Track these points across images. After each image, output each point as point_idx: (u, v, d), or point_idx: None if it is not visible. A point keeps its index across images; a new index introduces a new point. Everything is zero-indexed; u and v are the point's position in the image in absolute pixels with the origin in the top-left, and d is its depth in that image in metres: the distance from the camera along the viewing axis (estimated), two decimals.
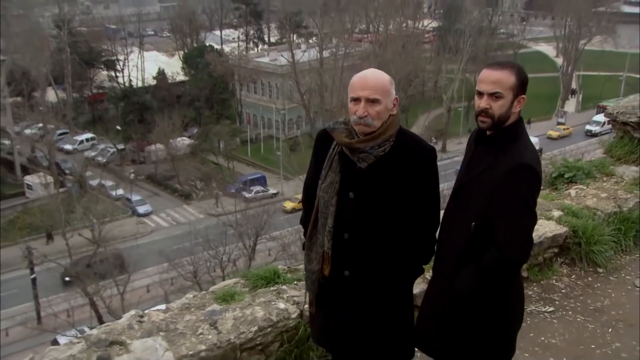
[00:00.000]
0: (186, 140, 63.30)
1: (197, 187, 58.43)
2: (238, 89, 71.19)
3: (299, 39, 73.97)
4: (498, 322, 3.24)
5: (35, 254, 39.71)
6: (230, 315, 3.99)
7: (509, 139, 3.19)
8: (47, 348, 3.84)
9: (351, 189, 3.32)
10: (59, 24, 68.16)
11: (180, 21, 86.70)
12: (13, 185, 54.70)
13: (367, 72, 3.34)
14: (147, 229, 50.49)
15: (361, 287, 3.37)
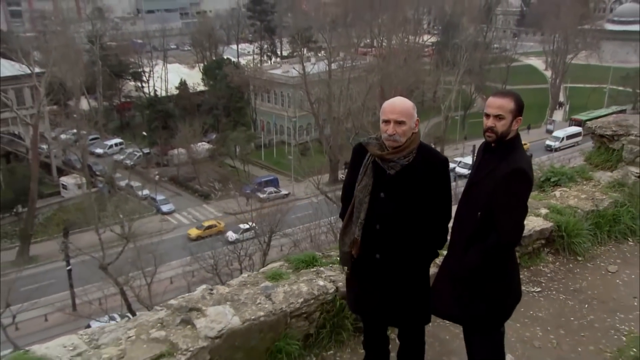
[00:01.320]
0: (205, 145, 63.20)
1: (215, 188, 58.35)
2: (253, 98, 71.06)
3: (309, 53, 73.53)
4: (497, 289, 3.74)
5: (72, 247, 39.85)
6: (280, 289, 4.54)
7: (508, 150, 3.70)
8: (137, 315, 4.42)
9: (382, 190, 3.83)
10: (91, 39, 68.10)
11: (200, 36, 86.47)
12: (50, 186, 54.56)
13: (396, 100, 3.83)
14: (170, 226, 50.47)
15: (389, 267, 3.88)
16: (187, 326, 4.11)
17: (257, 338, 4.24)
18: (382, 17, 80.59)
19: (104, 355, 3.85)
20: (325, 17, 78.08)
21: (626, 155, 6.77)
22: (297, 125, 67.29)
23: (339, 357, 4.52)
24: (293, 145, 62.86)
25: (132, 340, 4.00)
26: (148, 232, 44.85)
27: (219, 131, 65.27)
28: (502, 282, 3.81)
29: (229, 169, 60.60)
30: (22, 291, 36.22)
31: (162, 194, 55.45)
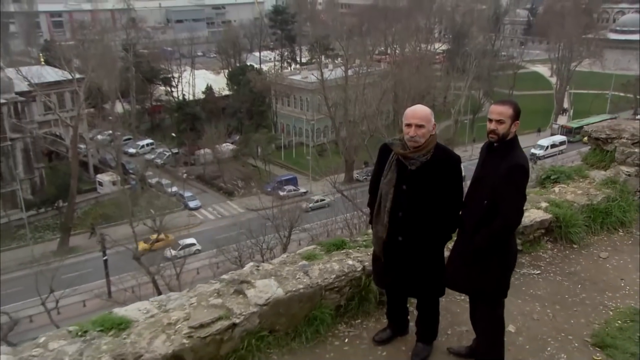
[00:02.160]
0: (230, 145, 63.44)
1: (238, 185, 58.43)
2: (274, 102, 71.10)
3: (327, 60, 73.31)
4: (500, 264, 4.16)
5: (108, 239, 40.43)
6: (316, 267, 5.00)
7: (508, 149, 4.11)
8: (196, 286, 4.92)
9: (404, 183, 4.26)
10: (126, 47, 68.73)
11: (225, 44, 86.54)
12: (87, 182, 55.12)
13: (417, 107, 4.27)
14: (196, 221, 50.84)
15: (410, 247, 4.31)
16: (239, 295, 4.60)
17: (297, 307, 4.71)
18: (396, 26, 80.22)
19: (173, 317, 4.37)
20: (343, 27, 77.94)
21: (618, 156, 7.07)
22: (315, 127, 67.35)
23: (365, 325, 4.94)
24: (311, 146, 63.11)
25: (194, 306, 4.51)
26: (177, 226, 45.23)
27: (242, 133, 65.55)
28: (505, 260, 4.22)
29: (251, 168, 60.80)
30: (63, 279, 36.80)
31: (190, 191, 55.96)
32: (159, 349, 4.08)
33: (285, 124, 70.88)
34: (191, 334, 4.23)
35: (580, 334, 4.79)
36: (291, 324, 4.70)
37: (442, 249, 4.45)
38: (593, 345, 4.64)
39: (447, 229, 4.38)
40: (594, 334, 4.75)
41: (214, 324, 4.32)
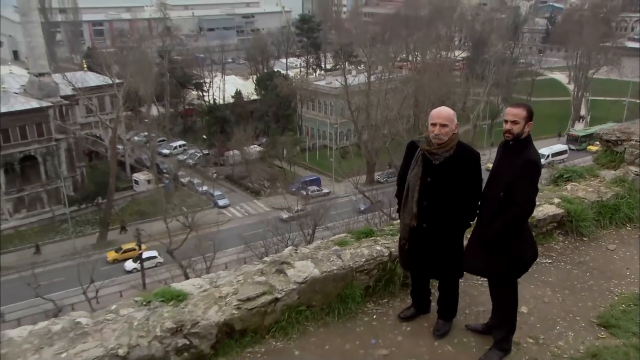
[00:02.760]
0: (257, 147, 63.94)
1: (265, 185, 58.92)
2: (299, 107, 71.51)
3: (350, 66, 73.42)
4: (514, 251, 4.41)
5: (144, 234, 41.20)
6: (347, 252, 5.35)
7: (522, 147, 4.37)
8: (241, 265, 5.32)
9: (429, 176, 4.56)
10: (161, 54, 69.85)
11: (254, 51, 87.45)
12: (124, 181, 55.98)
13: (441, 108, 4.58)
14: (225, 218, 51.32)
15: (433, 233, 4.61)
16: (280, 274, 4.99)
17: (330, 285, 5.07)
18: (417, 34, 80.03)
19: (223, 291, 4.78)
20: (366, 35, 77.90)
21: (627, 157, 7.26)
22: (338, 131, 67.50)
23: (391, 304, 5.28)
24: (334, 148, 63.14)
25: (241, 282, 4.92)
26: (207, 222, 45.90)
27: (269, 135, 65.94)
28: (518, 246, 4.47)
29: (277, 169, 61.17)
30: (102, 270, 37.96)
31: (219, 190, 56.47)
32: (213, 318, 4.51)
33: (309, 127, 71.32)
34: (239, 306, 4.64)
35: (587, 315, 5.06)
36: (325, 300, 5.07)
37: (461, 236, 4.74)
38: (598, 326, 4.90)
39: (467, 218, 4.66)
40: (600, 315, 5.01)
41: (258, 298, 4.73)
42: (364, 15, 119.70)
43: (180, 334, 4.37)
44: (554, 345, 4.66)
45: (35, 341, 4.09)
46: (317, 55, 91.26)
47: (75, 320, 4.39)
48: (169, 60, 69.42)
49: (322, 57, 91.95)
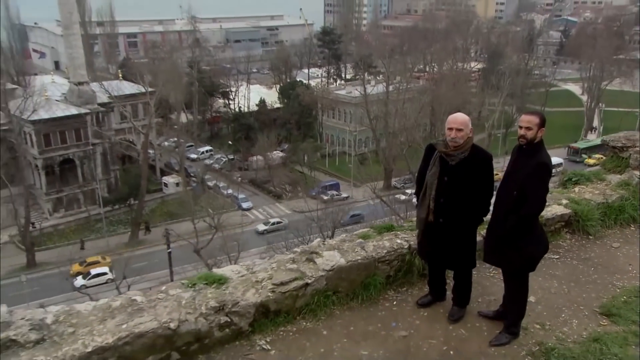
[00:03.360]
0: (279, 153, 64.23)
1: (286, 189, 59.21)
2: (320, 115, 71.78)
3: (370, 76, 73.58)
4: (526, 245, 4.64)
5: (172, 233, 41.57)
6: (370, 244, 5.64)
7: (535, 150, 4.58)
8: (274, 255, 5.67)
9: (445, 175, 4.81)
10: (191, 65, 70.51)
11: (277, 62, 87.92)
12: (155, 184, 56.66)
13: (457, 114, 4.83)
14: (249, 220, 51.79)
15: (449, 228, 4.87)
16: (310, 263, 5.32)
17: (355, 273, 5.38)
18: (435, 46, 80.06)
19: (259, 277, 5.12)
20: (385, 46, 78.02)
21: (632, 162, 7.42)
22: (357, 138, 67.59)
23: (410, 292, 5.55)
24: (353, 155, 63.33)
25: (275, 269, 5.26)
26: (231, 224, 46.14)
27: (291, 142, 66.30)
28: (530, 242, 4.70)
29: (298, 174, 61.42)
30: (133, 267, 38.39)
31: (243, 193, 56.88)
32: (251, 299, 4.85)
33: (329, 135, 71.56)
34: (274, 289, 4.98)
35: (590, 305, 5.28)
36: (350, 287, 5.37)
37: (475, 230, 5.00)
38: (601, 314, 5.12)
39: (480, 214, 4.92)
40: (602, 305, 5.22)
41: (291, 282, 5.05)
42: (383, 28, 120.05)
43: (222, 312, 4.70)
44: (558, 331, 4.89)
45: (99, 314, 4.50)
46: (337, 66, 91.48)
47: (132, 298, 4.78)
48: (198, 70, 70.16)
49: (343, 67, 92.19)
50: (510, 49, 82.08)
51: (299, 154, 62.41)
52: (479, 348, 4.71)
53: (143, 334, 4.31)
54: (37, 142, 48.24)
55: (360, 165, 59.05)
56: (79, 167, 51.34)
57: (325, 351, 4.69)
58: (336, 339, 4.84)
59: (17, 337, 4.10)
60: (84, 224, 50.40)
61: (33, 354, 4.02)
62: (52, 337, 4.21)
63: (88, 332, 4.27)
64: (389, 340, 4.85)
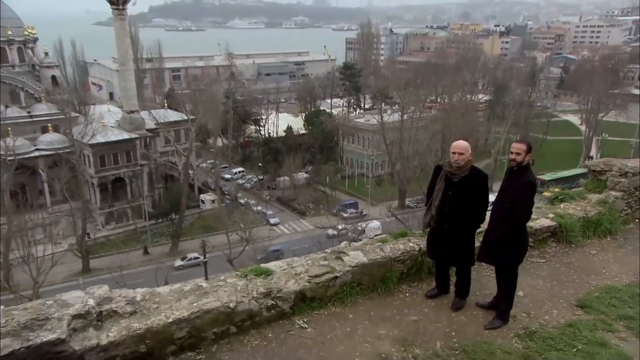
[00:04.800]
0: (304, 174, 64.55)
1: (310, 207, 59.40)
2: (341, 140, 71.93)
3: (386, 106, 73.03)
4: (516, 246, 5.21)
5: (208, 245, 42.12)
6: (388, 247, 6.23)
7: (523, 171, 5.14)
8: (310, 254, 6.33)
9: (450, 190, 5.38)
10: (227, 95, 71.40)
11: (303, 93, 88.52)
12: (193, 200, 57.04)
13: (459, 141, 5.42)
14: (275, 234, 51.95)
15: (452, 232, 5.42)
16: (339, 260, 5.95)
17: (375, 270, 5.96)
18: (445, 80, 79.95)
19: (298, 270, 5.76)
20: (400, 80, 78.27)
21: (609, 184, 7.85)
22: (374, 161, 67.60)
23: (420, 286, 6.08)
24: (370, 177, 63.44)
25: (310, 265, 5.91)
26: (260, 237, 46.16)
27: (315, 164, 66.48)
28: (519, 246, 5.30)
29: (320, 193, 61.61)
30: (173, 275, 39.12)
31: (271, 210, 57.34)
32: (291, 287, 5.48)
33: (349, 158, 71.56)
34: (309, 280, 5.60)
35: (568, 299, 5.77)
36: (371, 280, 5.94)
37: (473, 234, 5.55)
38: (576, 306, 5.61)
39: (477, 221, 5.47)
40: (578, 299, 5.72)
41: (323, 275, 5.67)
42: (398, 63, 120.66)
43: (269, 297, 5.32)
44: (541, 319, 5.41)
45: (175, 295, 5.21)
46: (357, 97, 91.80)
47: (198, 284, 5.50)
48: (233, 100, 70.88)
49: (362, 98, 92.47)
50: (515, 83, 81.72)
51: (321, 175, 62.69)
52: (475, 331, 5.22)
53: (209, 310, 4.96)
54: (94, 163, 49.35)
55: (377, 186, 59.40)
56: (128, 185, 52.30)
57: (351, 330, 5.22)
58: (359, 321, 5.33)
59: (117, 309, 4.84)
60: (131, 235, 51.14)
61: (129, 321, 4.73)
62: (141, 310, 4.92)
63: (168, 308, 4.97)
64: (402, 323, 5.36)
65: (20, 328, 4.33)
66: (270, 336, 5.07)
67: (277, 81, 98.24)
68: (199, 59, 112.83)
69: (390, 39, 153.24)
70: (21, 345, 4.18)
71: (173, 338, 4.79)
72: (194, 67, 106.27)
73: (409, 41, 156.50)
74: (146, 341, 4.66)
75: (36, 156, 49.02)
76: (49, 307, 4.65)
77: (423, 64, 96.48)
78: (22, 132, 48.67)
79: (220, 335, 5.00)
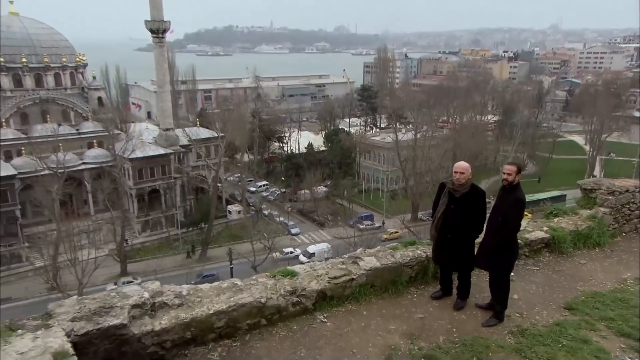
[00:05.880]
0: (323, 188, 64.79)
1: (328, 219, 59.65)
2: (358, 157, 72.12)
3: (401, 125, 73.09)
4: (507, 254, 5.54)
5: (234, 252, 42.78)
6: (398, 253, 6.61)
7: (514, 189, 5.48)
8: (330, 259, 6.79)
9: (452, 204, 5.73)
10: (253, 115, 72.07)
11: (324, 113, 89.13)
12: (221, 211, 57.26)
13: (461, 162, 5.79)
14: (296, 243, 52.26)
15: (454, 241, 5.76)
16: (355, 264, 6.36)
17: (387, 273, 6.32)
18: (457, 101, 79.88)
19: (319, 272, 6.18)
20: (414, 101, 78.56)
21: (598, 201, 8.08)
22: (389, 177, 67.65)
23: (426, 289, 6.40)
24: (385, 191, 63.55)
25: (329, 268, 6.33)
26: (282, 246, 47.05)
27: (333, 179, 66.65)
28: (511, 254, 5.64)
29: (338, 206, 61.70)
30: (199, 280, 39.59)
31: (292, 221, 57.66)
32: (314, 287, 5.89)
33: (366, 173, 71.65)
34: (329, 281, 5.99)
35: (557, 302, 6.05)
36: (383, 283, 6.29)
37: (473, 243, 5.88)
38: (564, 309, 5.89)
39: (476, 232, 5.81)
40: (567, 302, 5.99)
41: (341, 277, 6.07)
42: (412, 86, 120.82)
43: (294, 294, 5.71)
44: (532, 318, 5.70)
45: (214, 291, 5.67)
46: (373, 116, 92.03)
47: (234, 282, 5.99)
48: (259, 119, 71.60)
49: (378, 117, 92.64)
50: (522, 105, 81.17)
51: (339, 189, 62.78)
52: (474, 328, 5.53)
53: (244, 305, 5.39)
54: (133, 176, 50.36)
55: (392, 200, 59.41)
56: (163, 196, 53.09)
57: (365, 325, 5.57)
58: (372, 318, 5.65)
59: (167, 301, 5.34)
60: (164, 242, 51.80)
61: (177, 312, 5.22)
62: (187, 303, 5.39)
63: (209, 301, 5.44)
64: (410, 320, 5.68)
65: (91, 314, 4.88)
66: (295, 328, 5.38)
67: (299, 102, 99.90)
68: (228, 81, 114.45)
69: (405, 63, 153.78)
70: (93, 327, 4.72)
71: (213, 327, 5.21)
72: (224, 88, 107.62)
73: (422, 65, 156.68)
74: (191, 329, 5.11)
75: (82, 169, 50.47)
76: (113, 297, 5.20)
77: (436, 86, 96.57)
78: (71, 148, 50.29)
79: (252, 326, 5.36)
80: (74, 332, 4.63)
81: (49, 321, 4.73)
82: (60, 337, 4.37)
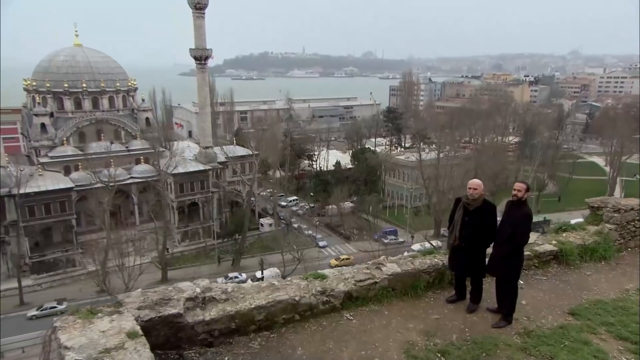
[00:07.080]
0: (350, 204, 64.66)
1: (354, 233, 59.50)
2: (383, 175, 71.90)
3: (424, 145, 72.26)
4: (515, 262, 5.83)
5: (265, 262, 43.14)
6: (417, 261, 6.98)
7: (522, 205, 5.81)
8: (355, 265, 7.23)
9: (466, 216, 6.06)
10: (285, 134, 72.97)
11: (351, 133, 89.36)
12: (254, 223, 57.75)
13: (474, 180, 6.15)
14: (323, 255, 52.02)
15: (468, 250, 6.08)
16: (378, 269, 6.79)
17: (407, 278, 6.67)
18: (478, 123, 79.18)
19: (346, 276, 6.60)
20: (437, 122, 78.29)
21: (605, 217, 8.22)
22: (412, 194, 67.14)
23: (442, 294, 6.71)
24: (409, 207, 63.07)
25: (355, 272, 6.77)
26: (310, 257, 46.55)
27: (359, 195, 66.40)
28: (518, 262, 5.94)
29: (364, 221, 61.48)
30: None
31: (320, 234, 57.85)
32: (341, 288, 6.31)
33: (390, 190, 71.39)
34: (355, 283, 6.39)
35: (562, 308, 6.27)
36: (403, 287, 6.64)
37: (485, 252, 6.18)
38: (568, 314, 6.12)
39: (488, 242, 6.11)
40: (571, 308, 6.21)
41: (366, 280, 6.46)
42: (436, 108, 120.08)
43: (324, 294, 6.12)
44: (538, 322, 5.95)
45: (255, 289, 6.17)
46: (398, 137, 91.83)
47: (271, 282, 6.51)
48: (290, 138, 72.39)
49: (403, 138, 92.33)
50: (543, 127, 79.35)
51: (365, 204, 62.62)
52: (485, 328, 5.82)
53: (280, 301, 5.84)
54: (175, 189, 51.70)
55: (415, 216, 58.60)
56: (201, 208, 54.06)
57: (386, 323, 5.92)
58: (393, 317, 5.98)
59: (215, 296, 5.88)
60: (201, 251, 52.66)
61: (224, 305, 5.74)
62: (232, 298, 5.91)
63: (251, 297, 5.95)
64: (427, 320, 5.99)
65: (154, 304, 5.49)
66: (324, 324, 5.71)
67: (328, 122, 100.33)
68: (263, 103, 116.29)
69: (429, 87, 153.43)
70: (155, 315, 5.33)
71: (254, 320, 5.67)
72: (259, 110, 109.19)
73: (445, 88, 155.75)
74: (235, 320, 5.59)
75: (130, 183, 52.34)
76: (170, 291, 5.80)
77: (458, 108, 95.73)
78: (121, 163, 52.39)
79: (287, 321, 5.73)
80: (140, 318, 5.24)
81: (120, 308, 5.37)
82: (130, 320, 4.98)
